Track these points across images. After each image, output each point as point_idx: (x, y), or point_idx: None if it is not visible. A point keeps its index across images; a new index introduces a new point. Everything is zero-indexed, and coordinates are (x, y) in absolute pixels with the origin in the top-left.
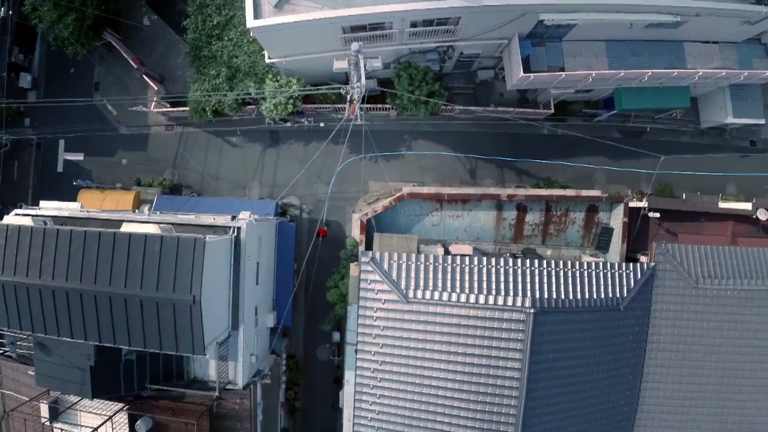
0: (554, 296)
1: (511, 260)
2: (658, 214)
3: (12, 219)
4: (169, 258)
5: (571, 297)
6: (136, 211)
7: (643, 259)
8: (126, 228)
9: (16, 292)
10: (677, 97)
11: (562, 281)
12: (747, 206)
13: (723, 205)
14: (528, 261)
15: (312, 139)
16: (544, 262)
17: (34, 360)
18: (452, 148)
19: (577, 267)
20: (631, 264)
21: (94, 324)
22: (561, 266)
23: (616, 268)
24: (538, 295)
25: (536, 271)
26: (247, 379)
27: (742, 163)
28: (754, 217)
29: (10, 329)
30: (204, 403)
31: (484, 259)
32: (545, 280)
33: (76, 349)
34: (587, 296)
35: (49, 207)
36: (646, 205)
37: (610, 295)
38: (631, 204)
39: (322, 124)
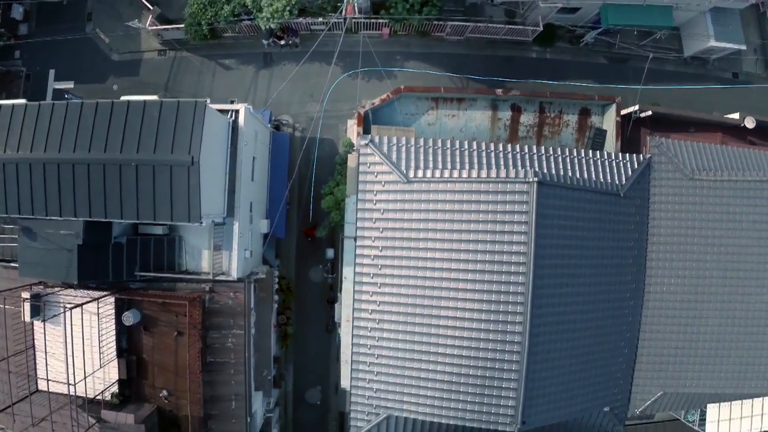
0: (554, 173)
1: (509, 145)
2: (649, 112)
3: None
4: (168, 121)
5: (570, 176)
6: None
7: None
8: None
9: (5, 171)
10: (661, 16)
11: (561, 165)
12: (735, 116)
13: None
14: (527, 147)
15: (305, 60)
16: (543, 148)
17: (18, 248)
18: (443, 70)
19: (575, 154)
20: (627, 155)
21: (84, 197)
22: (559, 152)
23: (614, 158)
24: (538, 170)
25: (535, 156)
26: (241, 272)
27: (725, 93)
28: (742, 126)
29: None
30: (196, 293)
31: (483, 143)
32: (544, 163)
33: (64, 227)
34: (586, 178)
35: None
36: (637, 108)
37: (609, 180)
38: (623, 111)
39: (320, 18)
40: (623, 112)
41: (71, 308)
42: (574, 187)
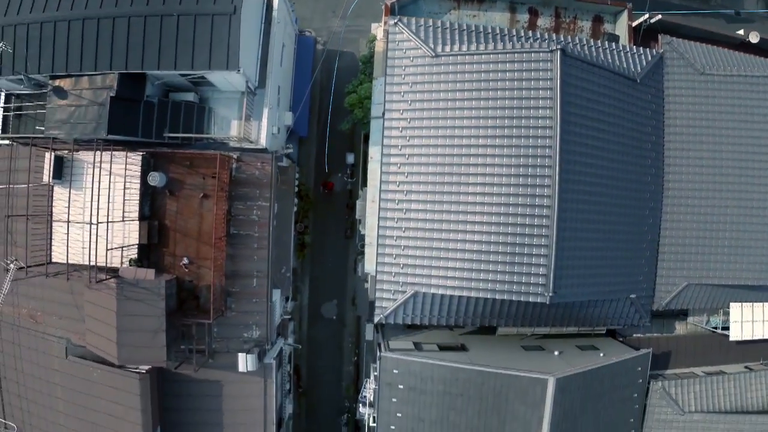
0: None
1: (530, 32)
2: (659, 16)
3: None
4: None
5: (588, 57)
6: None
7: None
8: None
9: (42, 30)
10: None
11: (579, 50)
12: (740, 32)
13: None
14: (546, 33)
15: None
16: (561, 36)
17: (47, 109)
18: None
19: (593, 43)
20: (641, 47)
21: (122, 50)
22: (578, 41)
23: (628, 49)
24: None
25: (554, 42)
26: (269, 144)
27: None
28: (746, 41)
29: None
30: (225, 154)
31: (506, 29)
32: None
33: (98, 82)
34: (603, 62)
35: None
36: (647, 16)
37: (626, 67)
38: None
39: None
40: (633, 23)
41: (102, 147)
42: (594, 63)
